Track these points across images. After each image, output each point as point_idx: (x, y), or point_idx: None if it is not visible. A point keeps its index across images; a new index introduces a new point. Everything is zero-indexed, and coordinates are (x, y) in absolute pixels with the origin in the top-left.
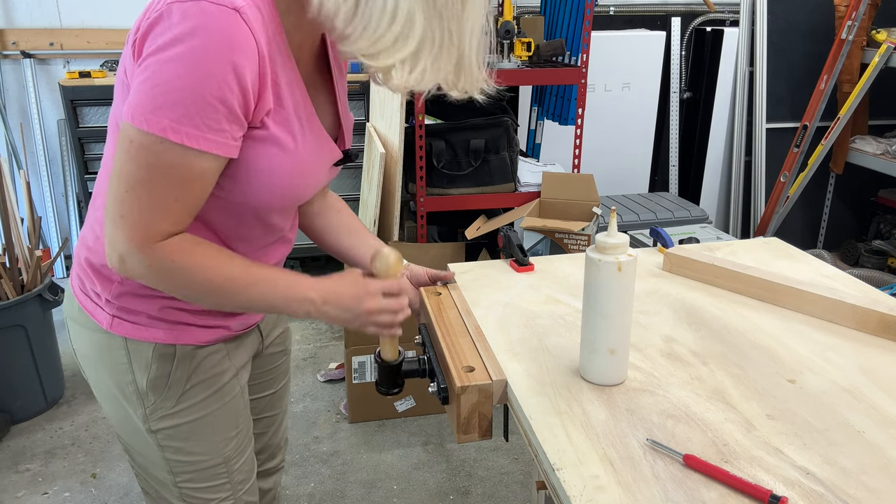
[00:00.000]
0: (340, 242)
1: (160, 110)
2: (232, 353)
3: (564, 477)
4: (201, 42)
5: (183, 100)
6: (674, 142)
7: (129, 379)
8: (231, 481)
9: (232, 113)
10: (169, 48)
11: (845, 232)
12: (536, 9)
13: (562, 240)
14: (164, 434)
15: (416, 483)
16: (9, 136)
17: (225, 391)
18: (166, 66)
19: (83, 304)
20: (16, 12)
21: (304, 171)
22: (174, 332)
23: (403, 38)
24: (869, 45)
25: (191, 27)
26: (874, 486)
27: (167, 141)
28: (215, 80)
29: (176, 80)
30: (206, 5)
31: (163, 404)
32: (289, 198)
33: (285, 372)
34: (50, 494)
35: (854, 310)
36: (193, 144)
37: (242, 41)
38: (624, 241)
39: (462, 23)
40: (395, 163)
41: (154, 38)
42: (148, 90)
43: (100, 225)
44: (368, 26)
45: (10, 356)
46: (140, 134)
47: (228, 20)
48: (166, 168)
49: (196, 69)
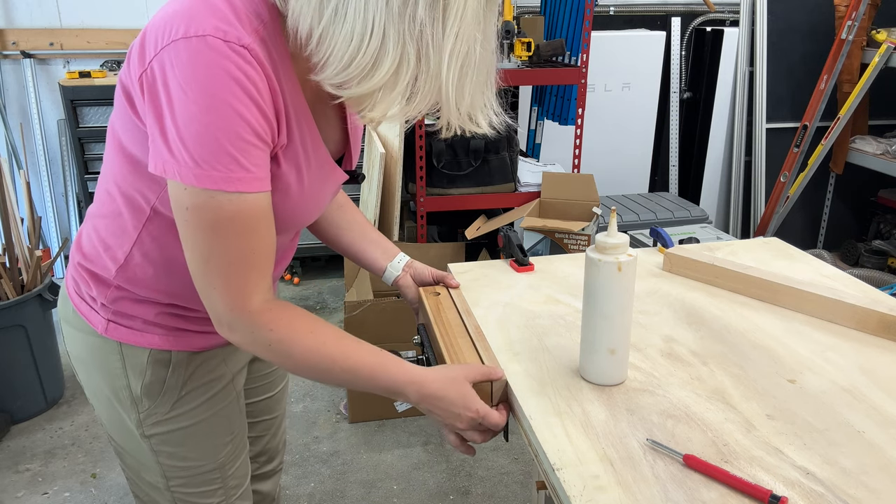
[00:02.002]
0: (341, 238)
1: (205, 163)
2: (228, 359)
3: (564, 477)
4: (216, 81)
5: (222, 147)
6: (674, 142)
7: (124, 384)
8: (225, 486)
9: (265, 143)
10: (184, 95)
11: (845, 232)
12: (536, 9)
13: (562, 240)
14: (159, 439)
15: (416, 483)
16: (9, 136)
17: (220, 396)
18: (189, 114)
19: (78, 308)
20: (16, 12)
21: (306, 204)
22: (170, 338)
23: (372, 68)
24: (869, 45)
25: (201, 67)
26: (874, 486)
27: (221, 192)
28: (241, 116)
29: (206, 128)
30: (212, 41)
31: (157, 410)
32: (291, 226)
33: (283, 375)
34: (50, 494)
35: (854, 310)
36: (248, 189)
37: (255, 76)
38: (624, 241)
39: (442, 51)
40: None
41: (165, 87)
42: (182, 144)
43: (96, 232)
44: (333, 54)
45: (10, 356)
46: (192, 194)
47: (238, 56)
48: (229, 222)
49: (220, 111)
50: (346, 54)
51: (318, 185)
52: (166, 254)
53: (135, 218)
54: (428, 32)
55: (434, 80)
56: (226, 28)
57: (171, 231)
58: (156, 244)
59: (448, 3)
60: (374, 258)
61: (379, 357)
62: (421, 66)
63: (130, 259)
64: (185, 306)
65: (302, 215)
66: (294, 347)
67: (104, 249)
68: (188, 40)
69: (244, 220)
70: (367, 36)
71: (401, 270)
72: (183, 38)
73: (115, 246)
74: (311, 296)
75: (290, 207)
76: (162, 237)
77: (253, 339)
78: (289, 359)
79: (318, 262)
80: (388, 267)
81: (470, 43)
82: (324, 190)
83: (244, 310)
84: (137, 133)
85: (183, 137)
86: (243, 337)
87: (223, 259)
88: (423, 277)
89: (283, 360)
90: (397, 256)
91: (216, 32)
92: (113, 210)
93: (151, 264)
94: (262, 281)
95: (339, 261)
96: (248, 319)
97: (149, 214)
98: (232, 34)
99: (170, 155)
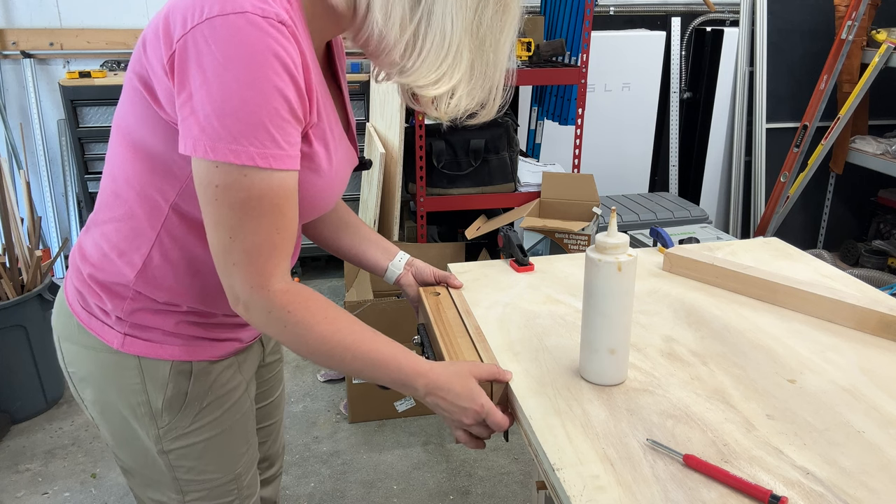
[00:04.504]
0: (340, 241)
1: (243, 138)
2: (242, 367)
3: (564, 477)
4: (257, 56)
5: (260, 122)
6: (674, 142)
7: (142, 399)
8: (240, 496)
9: (298, 121)
10: (225, 71)
11: (845, 232)
12: (536, 9)
13: (562, 240)
14: (177, 454)
15: (416, 483)
16: (9, 136)
17: (238, 406)
18: (228, 89)
19: (86, 324)
20: (16, 12)
21: (332, 184)
22: (190, 348)
23: (451, 70)
24: (869, 45)
25: (241, 42)
26: (874, 486)
27: (254, 169)
28: (281, 93)
29: (245, 104)
30: (251, 17)
31: (178, 424)
32: (317, 209)
33: (281, 379)
34: (50, 494)
35: (854, 310)
36: (282, 166)
37: (292, 51)
38: (624, 241)
39: (498, 53)
40: (395, 163)
41: (200, 64)
42: (218, 119)
43: (105, 239)
44: (426, 60)
45: (10, 356)
46: (223, 171)
47: (276, 31)
48: (258, 200)
49: (261, 87)
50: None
51: (343, 166)
52: (187, 253)
53: (152, 218)
54: (490, 38)
55: (490, 78)
56: (263, 5)
57: (192, 229)
58: (176, 244)
59: (507, 8)
60: (374, 258)
61: (391, 348)
62: (484, 68)
63: (150, 262)
64: (205, 311)
65: (328, 197)
66: (310, 332)
67: (118, 255)
68: (226, 17)
69: (273, 198)
70: (450, 42)
71: (402, 269)
72: (219, 14)
73: (130, 250)
74: None
75: (320, 187)
76: (182, 236)
77: (268, 319)
78: (303, 343)
79: (318, 262)
80: (389, 266)
81: (513, 43)
82: (347, 171)
83: (264, 288)
84: (159, 125)
85: (220, 113)
86: (259, 316)
87: (249, 238)
88: (425, 276)
89: (297, 344)
90: (398, 255)
91: (254, 9)
92: (125, 213)
93: (171, 266)
94: (283, 262)
95: (339, 261)
96: (266, 299)
97: (167, 213)
98: (270, 11)
99: (200, 132)
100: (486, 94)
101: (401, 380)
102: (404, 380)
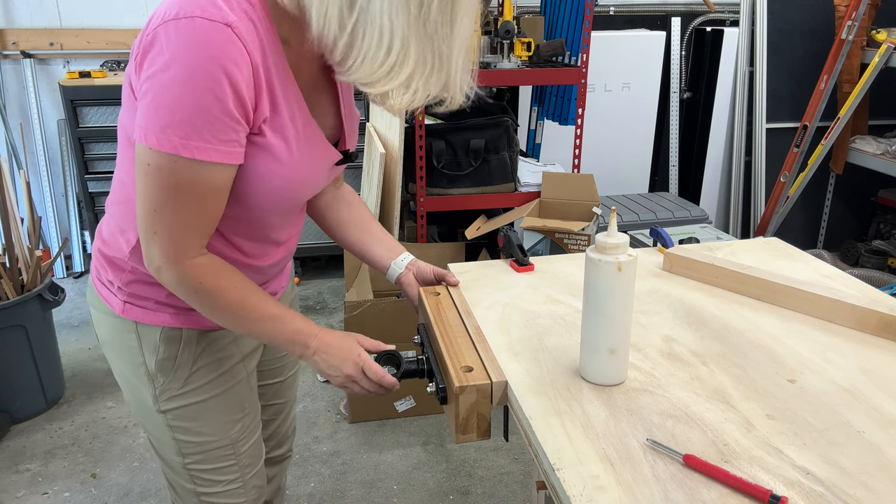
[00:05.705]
0: (347, 235)
1: (169, 129)
2: (239, 340)
3: (564, 477)
4: (196, 59)
5: (188, 117)
6: (674, 142)
7: (140, 361)
8: (239, 464)
9: (234, 120)
10: (167, 68)
11: (845, 232)
12: (536, 9)
13: (562, 240)
14: (173, 414)
15: (416, 483)
16: (9, 136)
17: (231, 374)
18: (167, 85)
19: (99, 292)
20: (16, 12)
21: (298, 176)
22: (180, 317)
23: (398, 66)
24: (869, 45)
25: (185, 45)
26: (874, 486)
27: (181, 158)
28: (213, 93)
29: (178, 98)
30: (199, 22)
31: (171, 385)
32: (285, 199)
33: (294, 362)
34: (50, 494)
35: (854, 310)
36: (205, 157)
37: (235, 53)
38: (624, 241)
39: (451, 45)
40: (395, 163)
41: (153, 59)
42: (154, 111)
43: (113, 219)
44: (366, 58)
45: (10, 356)
46: (154, 154)
47: (220, 35)
48: (186, 187)
49: (194, 86)
50: (379, 57)
51: (309, 160)
52: None
53: None
54: (441, 32)
55: (446, 70)
56: (212, 10)
57: None
58: None
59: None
60: (378, 255)
61: (290, 313)
62: (436, 61)
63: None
64: None
65: (294, 188)
66: (219, 300)
67: (119, 233)
68: (178, 21)
69: (199, 188)
70: (391, 40)
71: (404, 268)
72: (174, 18)
73: (128, 229)
74: (311, 296)
75: (283, 175)
76: None
77: (178, 286)
78: (211, 308)
79: (318, 262)
80: (391, 265)
81: (469, 33)
82: (317, 165)
83: (179, 263)
84: None
85: (157, 105)
86: (169, 282)
87: (171, 217)
88: (426, 275)
89: (205, 309)
90: (402, 255)
91: (203, 14)
92: (124, 196)
93: None
94: (201, 240)
95: (339, 261)
96: (180, 272)
97: None
98: (217, 15)
99: (140, 117)
100: (444, 84)
101: (295, 339)
102: (298, 339)
